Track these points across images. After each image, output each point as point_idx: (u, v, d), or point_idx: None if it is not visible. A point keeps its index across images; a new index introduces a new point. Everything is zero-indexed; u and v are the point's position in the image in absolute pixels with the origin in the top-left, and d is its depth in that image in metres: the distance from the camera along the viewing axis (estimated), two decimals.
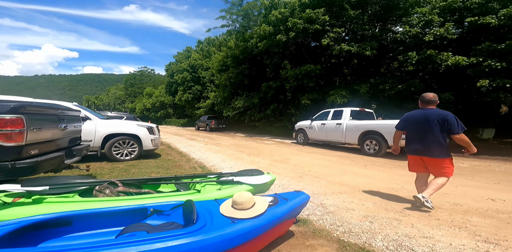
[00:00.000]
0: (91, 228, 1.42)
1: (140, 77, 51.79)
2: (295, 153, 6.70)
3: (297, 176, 3.92)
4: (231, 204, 1.55)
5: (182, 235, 1.16)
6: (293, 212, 1.71)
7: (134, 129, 4.99)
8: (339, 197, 2.86)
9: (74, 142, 3.04)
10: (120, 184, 1.80)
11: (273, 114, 14.05)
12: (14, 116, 1.87)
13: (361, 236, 1.91)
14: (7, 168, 1.80)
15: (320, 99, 11.48)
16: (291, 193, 1.90)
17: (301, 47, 13.41)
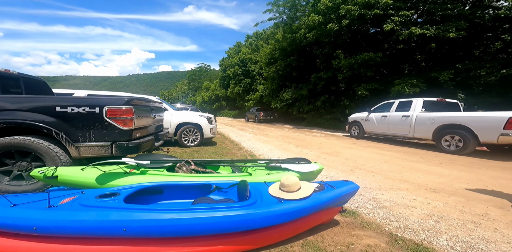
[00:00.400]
0: (174, 197, 1.84)
1: (199, 73, 56.39)
2: (347, 146, 6.32)
3: (348, 169, 3.78)
4: (278, 186, 1.73)
5: (237, 207, 1.42)
6: (339, 200, 1.75)
7: (197, 119, 5.75)
8: (397, 194, 2.67)
9: (159, 128, 3.79)
10: (193, 163, 2.26)
11: (323, 106, 13.45)
12: (127, 107, 2.41)
13: (420, 234, 1.80)
14: (124, 146, 2.44)
15: (381, 90, 10.29)
16: (338, 181, 1.94)
17: (357, 34, 12.12)
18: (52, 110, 2.26)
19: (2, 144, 2.14)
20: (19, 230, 1.16)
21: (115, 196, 1.41)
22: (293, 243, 1.63)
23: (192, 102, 50.21)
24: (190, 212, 1.32)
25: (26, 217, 1.16)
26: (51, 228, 1.16)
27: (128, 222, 1.21)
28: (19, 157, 2.28)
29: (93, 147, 2.38)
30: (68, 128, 2.29)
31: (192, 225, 1.28)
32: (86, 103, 2.33)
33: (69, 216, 1.19)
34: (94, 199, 1.35)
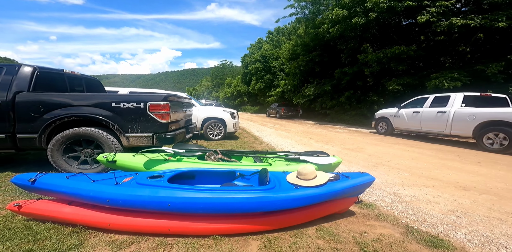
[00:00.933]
0: (204, 182, 2.10)
1: (222, 70, 57.33)
2: (372, 142, 6.13)
3: (370, 165, 3.74)
4: (296, 174, 1.92)
5: (259, 191, 1.62)
6: (353, 190, 1.85)
7: (222, 114, 6.06)
8: (421, 190, 2.64)
9: (189, 122, 4.17)
10: (220, 153, 2.54)
11: (348, 101, 12.95)
12: (165, 102, 2.75)
13: (438, 227, 1.82)
14: (162, 137, 2.81)
15: (415, 84, 9.59)
16: (354, 173, 2.03)
17: (387, 27, 11.31)
18: (109, 105, 2.68)
19: (74, 133, 2.62)
20: (96, 201, 1.51)
21: (161, 178, 1.72)
22: (307, 228, 1.75)
23: (216, 98, 51.56)
24: (219, 193, 1.57)
25: (102, 191, 1.50)
26: (118, 201, 1.49)
27: (172, 198, 1.50)
28: (85, 144, 2.76)
29: (139, 137, 2.78)
30: (120, 121, 2.71)
31: (220, 203, 1.52)
32: (134, 100, 2.73)
33: (131, 192, 1.51)
34: (146, 179, 1.68)
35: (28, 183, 1.57)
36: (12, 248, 1.31)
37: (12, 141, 2.58)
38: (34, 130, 2.58)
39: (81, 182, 1.58)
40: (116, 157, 2.26)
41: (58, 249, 1.33)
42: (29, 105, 2.56)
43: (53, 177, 1.62)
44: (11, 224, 1.57)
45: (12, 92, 2.55)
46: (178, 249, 1.42)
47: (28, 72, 2.69)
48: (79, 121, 2.70)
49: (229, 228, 1.59)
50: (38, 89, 2.76)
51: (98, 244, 1.43)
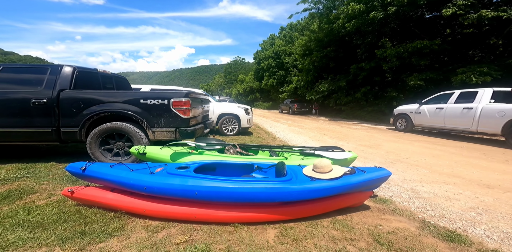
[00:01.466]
0: (223, 174, 2.20)
1: (234, 66, 57.30)
2: (390, 139, 5.96)
3: (387, 161, 3.67)
4: (312, 167, 1.98)
5: (277, 181, 1.71)
6: (369, 184, 1.88)
7: (236, 110, 6.18)
8: (441, 187, 2.59)
9: (206, 118, 4.32)
10: (238, 147, 2.66)
11: (364, 97, 12.59)
12: (186, 99, 2.91)
13: (456, 222, 1.80)
14: (184, 132, 2.97)
15: (439, 80, 9.16)
16: (370, 167, 2.05)
17: (408, 21, 10.75)
18: (138, 102, 2.88)
19: (108, 127, 2.85)
20: (135, 188, 1.68)
21: (187, 169, 1.86)
22: (322, 219, 1.81)
23: (228, 94, 51.90)
24: (241, 183, 1.68)
25: (140, 179, 1.67)
26: (154, 188, 1.65)
27: (198, 187, 1.63)
28: (118, 138, 2.98)
29: (163, 132, 2.96)
30: (147, 116, 2.90)
31: (241, 192, 1.64)
32: (159, 96, 2.90)
33: (164, 180, 1.67)
34: (175, 169, 1.83)
35: (80, 171, 1.78)
36: (68, 229, 1.51)
37: (57, 134, 2.86)
38: (75, 124, 2.84)
39: (122, 171, 1.76)
40: (146, 149, 2.45)
41: (105, 231, 1.51)
42: (71, 102, 2.81)
43: (100, 166, 1.82)
44: (64, 208, 1.79)
45: (56, 90, 2.81)
46: (203, 235, 1.55)
47: (69, 71, 2.95)
48: (112, 116, 2.92)
49: (249, 216, 1.70)
50: (77, 87, 3.01)
51: (135, 228, 1.60)
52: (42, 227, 1.52)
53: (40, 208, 1.77)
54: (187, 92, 2.96)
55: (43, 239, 1.39)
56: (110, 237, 1.47)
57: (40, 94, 2.79)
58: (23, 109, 2.77)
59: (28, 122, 2.80)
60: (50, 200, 1.92)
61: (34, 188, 2.17)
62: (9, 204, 1.83)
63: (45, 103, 2.78)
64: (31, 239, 1.39)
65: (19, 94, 2.80)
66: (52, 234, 1.45)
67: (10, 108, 2.77)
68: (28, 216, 1.64)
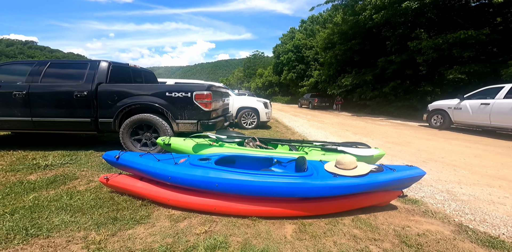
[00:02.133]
0: (243, 167, 2.18)
1: (253, 60, 57.08)
2: (422, 136, 5.46)
3: (419, 160, 3.35)
4: (334, 163, 1.88)
5: (297, 176, 1.64)
6: (398, 183, 1.72)
7: (255, 104, 6.13)
8: (484, 189, 2.32)
9: (226, 111, 4.34)
10: (258, 140, 2.63)
11: (393, 92, 11.73)
12: (208, 92, 2.93)
13: (500, 228, 1.61)
14: (205, 124, 3.03)
15: (485, 73, 8.27)
16: (401, 165, 1.88)
17: (448, 10, 9.57)
18: (164, 94, 2.98)
19: (138, 119, 3.00)
20: (160, 178, 1.75)
21: (209, 160, 1.89)
22: (343, 217, 1.71)
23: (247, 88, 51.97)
24: (261, 176, 1.66)
25: (165, 169, 1.73)
26: (177, 179, 1.70)
27: (219, 179, 1.64)
28: (146, 129, 3.13)
29: (186, 124, 3.04)
30: (172, 108, 2.99)
31: (261, 186, 1.61)
32: (182, 90, 2.97)
33: (187, 171, 1.71)
34: (197, 161, 1.87)
35: (114, 159, 1.91)
36: (103, 215, 1.63)
37: (95, 125, 3.10)
38: (110, 115, 3.04)
39: (150, 160, 1.84)
40: (171, 140, 2.55)
41: (134, 218, 1.61)
42: (107, 94, 3.00)
43: (131, 155, 1.94)
44: (100, 194, 1.93)
45: (95, 83, 3.02)
46: (222, 227, 1.56)
47: (106, 66, 3.14)
48: (141, 108, 3.06)
49: (267, 211, 1.67)
50: (112, 81, 3.20)
51: (160, 216, 1.67)
52: (82, 211, 1.66)
53: (80, 193, 1.94)
54: (208, 85, 2.99)
55: (82, 223, 1.52)
56: (138, 224, 1.55)
57: (81, 87, 3.02)
58: (68, 101, 3.03)
59: (72, 113, 3.06)
60: (89, 186, 2.10)
61: (76, 174, 2.39)
62: (55, 189, 2.04)
63: (86, 96, 3.00)
64: (72, 222, 1.52)
65: (65, 88, 3.05)
66: (90, 218, 1.57)
67: (58, 100, 3.04)
68: (70, 200, 1.80)
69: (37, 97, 3.05)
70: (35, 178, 2.25)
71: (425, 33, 9.79)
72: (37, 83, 3.09)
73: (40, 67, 3.15)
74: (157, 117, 3.02)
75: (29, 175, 2.33)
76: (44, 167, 2.52)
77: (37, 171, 2.43)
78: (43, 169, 2.49)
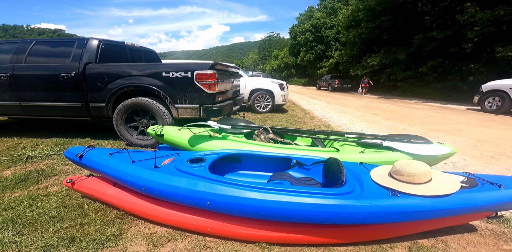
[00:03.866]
0: (251, 167, 1.63)
1: (269, 42, 54.57)
2: (476, 123, 4.39)
3: (484, 155, 2.52)
4: (388, 171, 1.19)
5: (331, 195, 1.01)
6: (505, 205, 1.06)
7: (270, 85, 5.38)
8: None
9: (236, 93, 3.71)
10: (271, 131, 1.97)
11: (431, 72, 10.12)
12: (212, 71, 2.39)
13: None
14: (209, 109, 2.48)
15: None
16: (502, 177, 1.18)
17: None
18: (160, 75, 2.46)
19: (132, 103, 2.54)
20: (133, 188, 1.24)
21: (202, 162, 1.30)
22: (395, 244, 1.15)
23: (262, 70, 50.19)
24: (274, 193, 1.05)
25: (139, 176, 1.21)
26: (154, 190, 1.17)
27: (212, 195, 1.08)
28: (142, 114, 2.68)
29: (187, 109, 2.52)
30: (170, 91, 2.48)
31: (274, 208, 1.02)
32: (181, 69, 2.43)
33: (167, 180, 1.15)
34: (186, 163, 1.29)
35: (77, 158, 1.41)
36: (59, 232, 1.18)
37: (87, 110, 2.71)
38: (102, 99, 2.62)
39: (121, 162, 1.31)
40: (163, 130, 1.99)
41: (98, 239, 1.14)
42: (97, 75, 2.58)
43: (98, 153, 1.41)
44: (68, 200, 1.46)
45: (83, 63, 2.60)
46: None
47: (95, 44, 2.69)
48: (135, 91, 2.61)
49: (281, 237, 1.12)
50: (103, 61, 2.76)
51: (136, 237, 1.18)
52: (33, 226, 1.22)
53: (46, 197, 1.51)
54: (212, 63, 2.43)
55: (24, 245, 1.08)
56: (101, 249, 1.07)
57: (67, 68, 2.61)
58: (55, 83, 2.64)
59: (61, 97, 2.68)
60: (62, 187, 1.66)
61: (56, 169, 1.97)
62: (22, 189, 1.63)
63: (73, 77, 2.59)
64: (12, 243, 1.09)
65: (50, 68, 2.66)
66: (39, 238, 1.13)
67: (44, 83, 2.67)
68: (28, 208, 1.38)
69: (22, 79, 2.67)
70: (10, 173, 1.87)
71: (474, 6, 7.87)
72: (21, 64, 2.69)
73: (24, 46, 2.76)
74: (153, 101, 2.54)
75: (7, 169, 1.96)
76: (27, 159, 2.15)
77: (17, 164, 2.06)
78: (25, 161, 2.11)
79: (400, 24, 11.63)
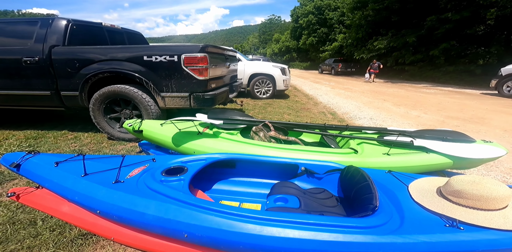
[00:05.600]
0: (248, 173, 1.29)
1: (269, 25, 52.30)
2: (497, 109, 3.94)
3: None
4: (436, 187, 0.83)
5: (361, 229, 0.67)
6: None
7: (271, 70, 4.88)
8: None
9: (233, 79, 3.27)
10: (272, 128, 1.56)
11: (443, 55, 9.44)
12: (202, 54, 2.01)
13: None
14: (201, 98, 2.11)
15: None
16: None
17: None
18: (141, 59, 2.09)
19: (110, 91, 2.16)
20: (86, 209, 0.90)
21: (182, 174, 0.95)
22: None
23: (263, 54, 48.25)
24: (277, 226, 0.70)
25: (91, 196, 0.86)
26: (112, 216, 0.83)
27: (190, 226, 0.73)
28: (124, 104, 2.32)
29: (175, 98, 2.17)
30: (154, 77, 2.12)
31: (276, 247, 0.68)
32: (166, 52, 2.05)
33: (129, 204, 0.81)
34: (160, 175, 0.94)
35: (13, 169, 1.04)
36: None
37: (58, 99, 2.33)
38: (74, 87, 2.24)
39: (68, 176, 0.95)
40: (142, 125, 1.61)
41: None
42: (65, 60, 2.19)
43: (41, 162, 1.04)
44: (20, 214, 1.17)
45: (47, 46, 2.19)
46: None
47: (62, 25, 2.29)
48: (113, 78, 2.22)
49: None
50: (74, 44, 2.36)
51: None
52: None
53: None
54: (203, 46, 2.05)
55: None
56: None
57: (30, 51, 2.20)
58: (17, 69, 2.23)
59: (27, 85, 2.28)
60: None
61: None
62: None
63: (38, 62, 2.18)
64: None
65: (10, 52, 2.24)
66: None
67: (5, 69, 2.26)
68: None
69: None
70: None
71: None
72: None
73: None
74: (135, 89, 2.16)
75: None
76: None
77: None
78: None
79: (410, 5, 10.63)
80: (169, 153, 1.62)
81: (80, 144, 2.20)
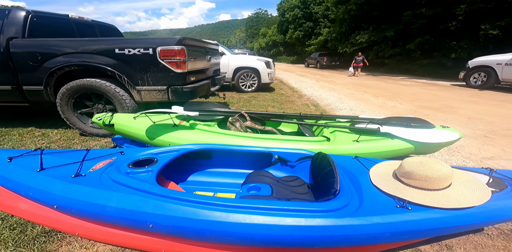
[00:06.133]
0: (223, 165, 1.29)
1: (256, 19, 51.21)
2: (464, 99, 4.18)
3: (477, 134, 2.30)
4: (392, 171, 0.88)
5: (321, 213, 0.69)
6: None
7: (255, 63, 4.82)
8: None
9: (215, 72, 3.19)
10: (248, 118, 1.55)
11: (418, 49, 9.80)
12: (180, 47, 1.93)
13: None
14: (179, 91, 2.03)
15: None
16: None
17: None
18: (111, 52, 1.96)
19: (78, 85, 2.03)
20: (43, 205, 0.85)
21: (150, 166, 0.91)
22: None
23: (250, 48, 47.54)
24: (243, 212, 0.71)
25: (47, 191, 0.81)
26: (70, 210, 0.80)
27: (155, 216, 0.72)
28: (96, 99, 2.19)
29: (152, 91, 2.07)
30: (128, 71, 2.01)
31: (243, 233, 0.70)
32: (140, 45, 1.96)
33: (89, 197, 0.77)
34: (126, 168, 0.90)
35: None
36: None
37: (21, 94, 2.16)
38: (38, 82, 2.08)
39: (23, 171, 0.88)
40: (113, 118, 1.53)
41: None
42: (26, 53, 2.03)
43: None
44: None
45: (5, 38, 2.02)
46: None
47: (21, 16, 2.13)
48: (82, 71, 2.08)
49: None
50: (38, 36, 2.18)
51: None
52: None
53: None
54: (180, 38, 1.98)
55: None
56: None
57: None
58: None
59: None
60: None
61: None
62: None
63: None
64: None
65: None
66: None
67: None
68: None
69: None
70: None
71: None
72: None
73: None
74: (108, 83, 2.04)
75: None
76: None
77: None
78: None
79: (390, 0, 10.83)
80: (145, 147, 1.57)
81: (48, 140, 2.05)
